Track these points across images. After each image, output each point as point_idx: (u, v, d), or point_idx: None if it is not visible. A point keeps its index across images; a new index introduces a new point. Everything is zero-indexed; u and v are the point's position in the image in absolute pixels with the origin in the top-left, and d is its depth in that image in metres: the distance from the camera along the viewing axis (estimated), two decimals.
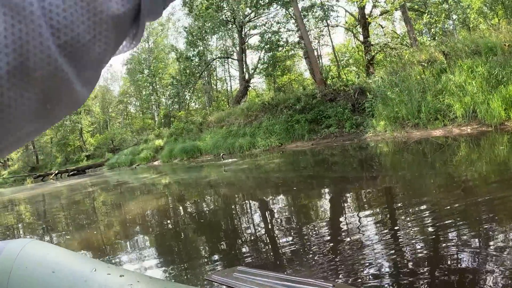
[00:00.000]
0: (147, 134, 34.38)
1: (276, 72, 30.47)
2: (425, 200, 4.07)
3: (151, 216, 6.17)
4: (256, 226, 4.30)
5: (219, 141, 21.47)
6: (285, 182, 7.49)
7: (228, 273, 1.80)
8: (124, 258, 3.78)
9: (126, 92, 51.96)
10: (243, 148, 19.67)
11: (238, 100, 28.64)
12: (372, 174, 6.95)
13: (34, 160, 58.60)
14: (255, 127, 20.72)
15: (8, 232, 6.65)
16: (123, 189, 12.35)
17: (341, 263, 2.59)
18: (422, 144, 9.68)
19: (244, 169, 11.77)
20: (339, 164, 9.39)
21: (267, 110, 21.15)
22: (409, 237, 2.89)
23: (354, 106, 16.82)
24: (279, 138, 18.26)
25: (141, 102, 48.69)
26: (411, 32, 17.95)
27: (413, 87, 12.83)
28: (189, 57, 31.02)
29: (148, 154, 28.53)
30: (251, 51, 32.04)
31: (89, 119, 51.06)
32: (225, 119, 24.42)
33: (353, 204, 4.51)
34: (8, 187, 35.39)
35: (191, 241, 4.22)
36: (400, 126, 12.67)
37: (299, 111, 18.66)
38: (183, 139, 26.41)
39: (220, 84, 43.57)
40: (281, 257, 2.97)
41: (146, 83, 44.37)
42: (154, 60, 43.88)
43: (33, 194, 17.79)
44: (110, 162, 32.94)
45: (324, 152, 12.95)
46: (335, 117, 16.77)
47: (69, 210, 8.72)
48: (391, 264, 2.43)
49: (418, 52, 14.83)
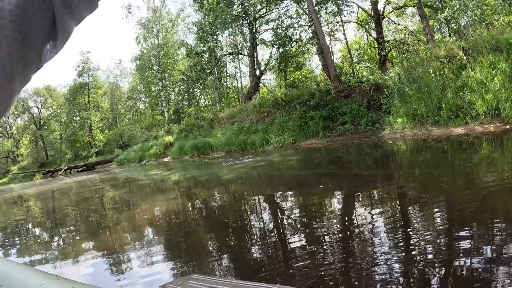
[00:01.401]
0: (157, 131, 34.39)
1: (289, 68, 30.24)
2: (465, 208, 3.88)
3: (152, 217, 6.11)
4: (270, 229, 4.17)
5: (231, 137, 21.35)
6: (310, 183, 7.26)
7: (183, 281, 1.74)
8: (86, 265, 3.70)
9: (135, 88, 52.03)
10: (255, 144, 19.56)
11: (249, 96, 28.49)
12: (403, 175, 6.55)
13: (43, 156, 59.01)
14: (268, 123, 20.58)
15: (11, 228, 6.64)
16: (131, 187, 12.28)
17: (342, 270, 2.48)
18: (444, 142, 9.45)
19: (258, 167, 11.56)
20: (362, 164, 9.01)
21: (280, 106, 20.98)
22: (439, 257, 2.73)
23: (369, 103, 16.60)
24: (293, 135, 18.09)
25: (151, 98, 48.72)
26: (427, 28, 17.73)
27: (433, 84, 12.61)
28: (199, 53, 30.92)
29: (158, 150, 28.53)
30: (262, 47, 31.90)
31: (99, 115, 51.26)
32: (236, 116, 24.31)
33: (385, 214, 4.31)
34: (17, 182, 35.73)
35: (165, 243, 4.18)
36: (420, 124, 12.45)
37: (313, 107, 18.45)
38: (193, 136, 26.34)
39: (230, 80, 43.52)
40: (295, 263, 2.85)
41: (156, 79, 44.36)
42: (164, 56, 43.81)
43: (42, 190, 17.86)
44: (119, 158, 33.07)
45: (341, 150, 12.74)
46: (350, 114, 16.55)
47: (75, 207, 8.70)
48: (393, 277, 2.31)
49: (436, 48, 14.60)
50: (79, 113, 50.67)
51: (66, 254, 4.40)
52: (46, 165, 50.99)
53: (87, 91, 50.29)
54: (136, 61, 47.23)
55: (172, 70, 44.16)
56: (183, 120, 33.69)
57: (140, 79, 48.41)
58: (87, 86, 50.26)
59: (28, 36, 0.34)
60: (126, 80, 58.20)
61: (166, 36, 45.24)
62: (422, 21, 18.34)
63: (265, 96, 26.57)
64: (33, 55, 0.36)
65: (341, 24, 26.26)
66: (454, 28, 20.45)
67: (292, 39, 25.94)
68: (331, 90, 18.70)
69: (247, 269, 2.91)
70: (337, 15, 25.68)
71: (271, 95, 24.60)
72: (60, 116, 56.74)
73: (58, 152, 56.78)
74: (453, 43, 14.22)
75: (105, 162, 35.77)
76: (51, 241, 5.16)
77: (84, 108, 50.04)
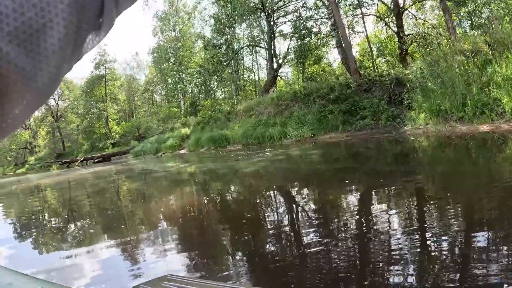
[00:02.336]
0: (173, 123, 34.46)
1: (309, 61, 30.03)
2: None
3: (166, 211, 5.96)
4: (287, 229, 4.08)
5: (248, 130, 21.30)
6: (333, 179, 7.10)
7: (158, 282, 1.69)
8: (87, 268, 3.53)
9: (152, 80, 52.20)
10: (273, 138, 19.50)
11: (267, 89, 28.41)
12: (432, 174, 6.23)
13: (60, 147, 59.74)
14: (286, 116, 20.50)
15: (25, 217, 6.68)
16: (147, 179, 12.26)
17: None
18: (469, 140, 9.27)
19: (278, 161, 11.38)
20: (386, 160, 8.75)
21: (298, 99, 20.85)
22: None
23: (390, 98, 16.44)
24: (312, 128, 17.98)
25: (167, 90, 48.83)
26: (449, 21, 17.42)
27: (457, 79, 12.38)
28: (216, 45, 30.90)
29: (174, 142, 28.60)
30: (279, 40, 31.74)
31: (115, 107, 51.58)
32: (254, 108, 24.24)
33: (415, 214, 4.21)
34: (34, 173, 36.19)
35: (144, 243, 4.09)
36: (443, 120, 12.26)
37: (332, 101, 18.31)
38: (210, 128, 26.36)
39: (247, 73, 43.42)
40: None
41: (172, 71, 44.42)
42: (181, 48, 43.82)
43: (58, 180, 18.05)
44: (135, 150, 33.26)
45: (362, 145, 12.58)
46: (370, 109, 16.41)
47: (91, 198, 8.55)
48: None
49: (460, 42, 14.34)
50: (96, 105, 51.09)
51: (71, 244, 4.43)
52: (63, 156, 51.63)
53: (104, 83, 50.60)
54: (153, 53, 47.33)
55: (188, 62, 44.18)
56: (199, 113, 33.75)
57: (156, 71, 48.57)
58: (104, 78, 50.57)
59: (81, 22, 0.35)
60: (143, 73, 58.50)
61: (183, 29, 45.23)
62: (444, 15, 18.00)
63: (282, 89, 26.39)
64: (80, 42, 0.36)
65: (361, 16, 25.95)
66: (478, 22, 20.05)
67: (311, 31, 25.76)
68: (351, 84, 18.54)
69: (266, 271, 2.84)
70: (357, 8, 25.45)
71: (290, 88, 24.41)
72: (77, 108, 57.23)
73: (75, 143, 57.45)
74: (478, 37, 13.95)
75: (121, 154, 36.03)
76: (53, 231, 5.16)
77: (101, 100, 50.41)
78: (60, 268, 3.54)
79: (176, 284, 1.60)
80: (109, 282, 2.99)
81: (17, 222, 6.97)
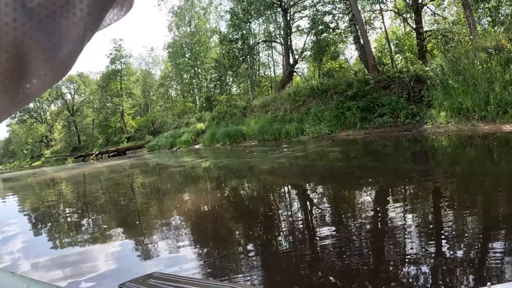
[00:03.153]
0: (188, 118, 34.56)
1: (326, 56, 29.78)
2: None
3: (181, 208, 5.67)
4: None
5: (265, 126, 21.27)
6: (356, 177, 6.85)
7: (144, 279, 1.69)
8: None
9: (167, 75, 52.39)
10: (289, 134, 19.45)
11: (283, 85, 28.32)
12: (460, 175, 5.90)
13: (76, 140, 60.49)
14: (303, 113, 20.42)
15: (39, 209, 6.72)
16: (161, 173, 12.22)
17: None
18: (491, 140, 9.08)
19: (297, 157, 11.10)
20: (407, 159, 8.47)
21: (315, 95, 20.73)
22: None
23: (409, 95, 16.25)
24: (329, 125, 17.88)
25: (182, 85, 48.99)
26: (470, 17, 17.13)
27: (479, 76, 12.16)
28: (232, 40, 30.88)
29: (189, 137, 28.74)
30: (295, 35, 31.57)
31: (130, 101, 51.94)
32: (270, 104, 24.19)
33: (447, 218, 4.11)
34: (49, 166, 36.67)
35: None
36: (465, 119, 12.07)
37: (350, 97, 18.17)
38: (225, 123, 26.40)
39: (262, 69, 43.34)
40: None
41: (188, 66, 44.50)
42: (196, 44, 43.86)
43: (73, 173, 18.28)
44: (150, 144, 33.53)
45: (382, 143, 12.37)
46: (389, 106, 16.25)
47: (102, 191, 8.14)
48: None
49: (482, 39, 14.10)
50: (111, 100, 51.51)
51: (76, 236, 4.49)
52: (78, 149, 52.29)
53: (120, 78, 51.01)
54: (168, 48, 47.47)
55: (204, 57, 44.25)
56: (214, 108, 33.80)
57: (172, 66, 48.75)
58: (119, 73, 51.00)
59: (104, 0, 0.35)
60: (158, 68, 58.82)
61: (198, 24, 45.22)
62: (465, 11, 17.69)
63: (299, 85, 26.23)
64: (100, 20, 0.37)
65: (379, 12, 25.69)
66: (498, 18, 19.70)
67: (329, 26, 25.57)
68: (370, 80, 18.34)
69: (282, 272, 2.81)
70: (375, 3, 25.18)
71: (307, 84, 24.27)
72: (92, 102, 57.85)
73: (90, 137, 58.12)
74: (501, 34, 13.69)
75: (136, 148, 36.35)
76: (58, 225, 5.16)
77: (116, 95, 50.83)
78: (59, 261, 3.58)
79: (162, 281, 1.61)
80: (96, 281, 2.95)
81: (27, 213, 7.16)
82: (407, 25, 26.87)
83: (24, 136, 66.00)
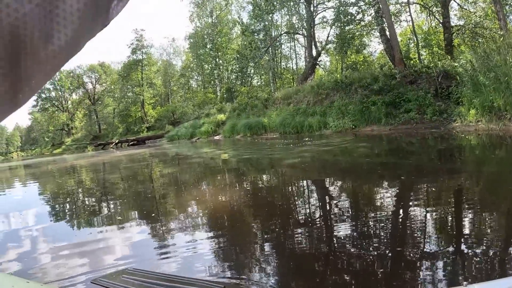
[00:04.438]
0: (209, 108, 34.59)
1: (351, 49, 29.32)
2: None
3: (198, 203, 5.09)
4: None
5: (287, 118, 21.19)
6: (389, 175, 6.37)
7: (116, 275, 1.72)
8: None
9: (188, 66, 52.45)
10: (312, 127, 19.30)
11: (305, 77, 28.11)
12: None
13: (96, 129, 61.35)
14: (326, 106, 20.24)
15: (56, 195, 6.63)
16: (181, 164, 12.11)
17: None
18: None
19: (324, 152, 10.44)
20: (441, 159, 7.96)
21: (339, 88, 20.52)
22: None
23: (437, 91, 15.93)
24: (353, 120, 17.68)
25: (203, 76, 49.01)
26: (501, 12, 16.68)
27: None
28: (255, 31, 30.72)
29: (209, 128, 28.82)
30: (317, 27, 31.20)
31: (151, 91, 52.24)
32: (292, 96, 24.07)
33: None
34: (70, 153, 37.28)
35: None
36: (496, 117, 11.73)
37: (375, 92, 17.92)
38: (246, 115, 26.37)
39: (284, 61, 43.04)
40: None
41: (209, 57, 44.47)
42: (218, 34, 43.77)
43: (93, 161, 18.52)
44: (170, 134, 33.77)
45: (409, 140, 11.97)
46: (415, 102, 15.96)
47: (119, 179, 7.37)
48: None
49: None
50: (132, 89, 51.89)
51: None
52: (98, 138, 52.95)
53: (141, 68, 51.26)
54: (189, 39, 47.46)
55: (226, 48, 44.19)
56: (235, 99, 33.74)
57: (193, 57, 48.80)
58: (140, 63, 51.27)
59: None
60: (179, 58, 58.89)
61: (220, 15, 45.03)
62: (495, 5, 17.22)
63: (322, 78, 25.92)
64: (102, 7, 0.36)
65: (405, 4, 25.18)
66: None
67: (354, 18, 25.18)
68: (396, 75, 18.04)
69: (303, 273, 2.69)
70: None
71: (330, 77, 23.99)
72: (113, 92, 58.51)
73: (111, 126, 58.80)
74: None
75: (156, 138, 36.65)
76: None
77: (137, 84, 51.17)
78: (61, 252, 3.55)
79: (134, 277, 1.63)
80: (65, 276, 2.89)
81: (42, 199, 7.37)
82: (433, 19, 26.32)
83: (46, 124, 67.23)
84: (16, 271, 3.02)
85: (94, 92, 63.74)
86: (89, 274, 2.80)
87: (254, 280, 2.55)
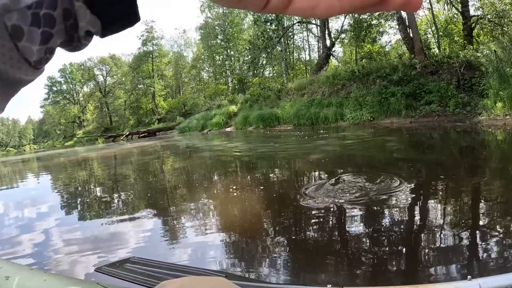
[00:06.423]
0: (220, 100, 34.24)
1: (367, 39, 28.58)
2: None
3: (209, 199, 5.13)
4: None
5: (301, 110, 20.77)
6: (422, 174, 5.83)
7: (120, 264, 1.75)
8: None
9: (199, 58, 52.08)
10: (328, 119, 18.87)
11: (319, 68, 27.61)
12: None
13: (107, 121, 61.39)
14: (342, 97, 19.76)
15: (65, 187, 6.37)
16: (193, 157, 11.87)
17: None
18: None
19: (345, 146, 9.90)
20: (472, 156, 7.48)
21: (356, 79, 20.01)
22: None
23: (459, 82, 15.37)
24: (371, 111, 17.21)
25: (215, 67, 48.66)
26: None
27: None
28: (267, 21, 30.23)
29: (221, 120, 28.48)
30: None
31: (162, 83, 52.02)
32: (306, 87, 23.64)
33: None
34: (81, 146, 37.52)
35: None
36: None
37: (395, 82, 17.39)
38: (259, 106, 25.94)
39: (297, 52, 42.54)
40: None
41: (220, 48, 44.10)
42: (229, 25, 43.35)
43: (104, 153, 18.57)
44: (181, 126, 33.57)
45: (433, 134, 11.46)
46: (437, 93, 15.42)
47: (129, 172, 6.95)
48: None
49: None
50: (143, 81, 51.74)
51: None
52: (109, 130, 53.03)
53: (151, 60, 51.10)
54: (200, 30, 47.12)
55: (237, 39, 43.76)
56: (247, 90, 33.33)
57: (204, 48, 48.47)
58: (151, 55, 51.08)
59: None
60: (190, 50, 58.50)
61: None
62: None
63: (338, 68, 25.32)
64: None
65: None
66: None
67: None
68: (416, 65, 17.46)
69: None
70: None
71: (347, 67, 23.44)
72: (124, 84, 58.34)
73: (122, 118, 58.76)
74: None
75: (167, 129, 36.55)
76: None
77: (148, 76, 51.05)
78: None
79: (138, 266, 1.66)
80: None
81: (51, 190, 7.68)
82: (451, 8, 25.57)
83: (57, 117, 67.34)
84: (32, 263, 3.13)
85: (105, 84, 63.71)
86: (95, 262, 2.99)
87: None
